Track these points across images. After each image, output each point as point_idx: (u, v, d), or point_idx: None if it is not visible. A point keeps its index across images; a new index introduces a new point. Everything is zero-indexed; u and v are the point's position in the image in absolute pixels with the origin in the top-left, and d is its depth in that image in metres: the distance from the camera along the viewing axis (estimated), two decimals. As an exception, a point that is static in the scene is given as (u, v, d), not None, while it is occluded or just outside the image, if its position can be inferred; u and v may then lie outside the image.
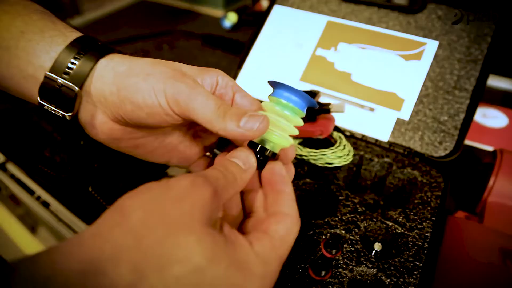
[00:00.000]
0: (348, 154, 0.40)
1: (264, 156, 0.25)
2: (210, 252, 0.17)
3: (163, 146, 0.29)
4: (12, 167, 0.52)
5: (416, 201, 0.37)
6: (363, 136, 0.45)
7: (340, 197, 0.37)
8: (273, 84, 0.25)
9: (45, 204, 0.47)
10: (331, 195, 0.38)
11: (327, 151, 0.39)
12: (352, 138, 0.45)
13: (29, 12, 0.26)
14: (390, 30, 0.49)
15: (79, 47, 0.25)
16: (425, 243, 0.33)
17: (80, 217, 0.43)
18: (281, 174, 0.24)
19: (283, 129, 0.24)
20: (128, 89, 0.24)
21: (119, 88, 0.24)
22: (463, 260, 0.36)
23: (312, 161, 0.39)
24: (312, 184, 0.39)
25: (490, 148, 0.53)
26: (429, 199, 0.37)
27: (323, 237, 0.33)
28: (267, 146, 0.24)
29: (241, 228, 0.25)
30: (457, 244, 0.37)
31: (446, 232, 0.37)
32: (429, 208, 0.37)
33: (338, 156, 0.39)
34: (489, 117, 0.57)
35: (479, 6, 0.47)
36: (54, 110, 0.26)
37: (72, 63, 0.25)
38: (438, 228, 0.35)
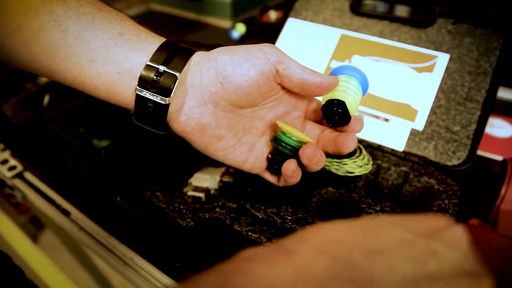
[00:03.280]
0: (367, 164, 0.41)
1: (343, 108, 0.29)
2: None
3: (243, 143, 0.32)
4: (30, 176, 0.53)
5: (434, 208, 0.39)
6: (380, 145, 0.47)
7: (363, 205, 0.38)
8: (340, 68, 0.31)
9: (66, 213, 0.48)
10: (354, 203, 0.39)
11: (348, 161, 0.40)
12: (369, 147, 0.46)
13: (123, 18, 0.29)
14: (402, 44, 0.51)
15: (174, 44, 0.29)
16: (447, 250, 0.35)
17: (102, 226, 0.44)
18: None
19: (354, 99, 0.31)
20: (230, 64, 0.28)
21: (218, 71, 0.28)
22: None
23: (334, 170, 0.40)
24: (334, 193, 0.40)
25: (497, 157, 0.54)
26: (447, 207, 0.39)
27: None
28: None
29: None
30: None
31: (464, 238, 0.38)
32: (447, 215, 0.38)
33: (359, 165, 0.40)
34: (495, 127, 0.58)
35: (486, 20, 0.49)
36: (154, 95, 0.27)
37: (171, 54, 0.28)
38: (458, 235, 0.36)
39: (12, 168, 0.53)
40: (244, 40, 0.86)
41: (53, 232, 0.89)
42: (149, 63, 0.27)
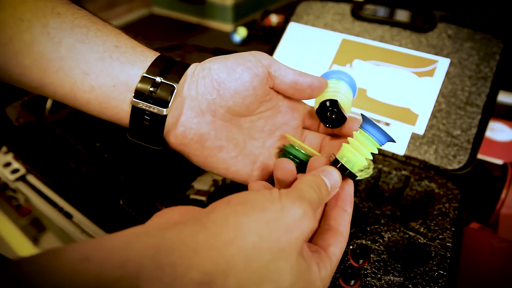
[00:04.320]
0: (368, 168, 0.41)
1: (337, 107, 0.30)
2: (295, 279, 0.20)
3: (245, 155, 0.31)
4: (33, 179, 0.53)
5: (435, 212, 0.39)
6: (380, 149, 0.47)
7: (364, 209, 0.39)
8: (328, 73, 0.32)
9: (68, 216, 0.48)
10: (355, 207, 0.39)
11: (349, 164, 0.40)
12: (370, 151, 0.47)
13: (118, 32, 0.29)
14: (402, 48, 0.52)
15: (169, 59, 0.29)
16: (447, 253, 0.35)
17: (104, 228, 0.44)
18: (350, 193, 0.28)
19: (346, 98, 0.31)
20: (224, 70, 0.28)
21: (213, 78, 0.28)
22: (482, 269, 0.37)
23: (335, 174, 0.40)
24: (335, 196, 0.40)
25: (498, 161, 0.55)
26: (447, 211, 0.39)
27: (350, 247, 0.35)
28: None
29: None
30: (475, 254, 0.38)
31: (464, 242, 0.38)
32: (448, 219, 0.38)
33: (360, 169, 0.40)
34: (495, 131, 0.59)
35: (486, 20, 0.50)
36: (151, 107, 0.27)
37: (167, 67, 0.28)
38: (458, 238, 0.37)
39: (15, 171, 0.53)
40: (245, 44, 0.87)
41: (54, 235, 0.89)
42: (145, 74, 0.27)
